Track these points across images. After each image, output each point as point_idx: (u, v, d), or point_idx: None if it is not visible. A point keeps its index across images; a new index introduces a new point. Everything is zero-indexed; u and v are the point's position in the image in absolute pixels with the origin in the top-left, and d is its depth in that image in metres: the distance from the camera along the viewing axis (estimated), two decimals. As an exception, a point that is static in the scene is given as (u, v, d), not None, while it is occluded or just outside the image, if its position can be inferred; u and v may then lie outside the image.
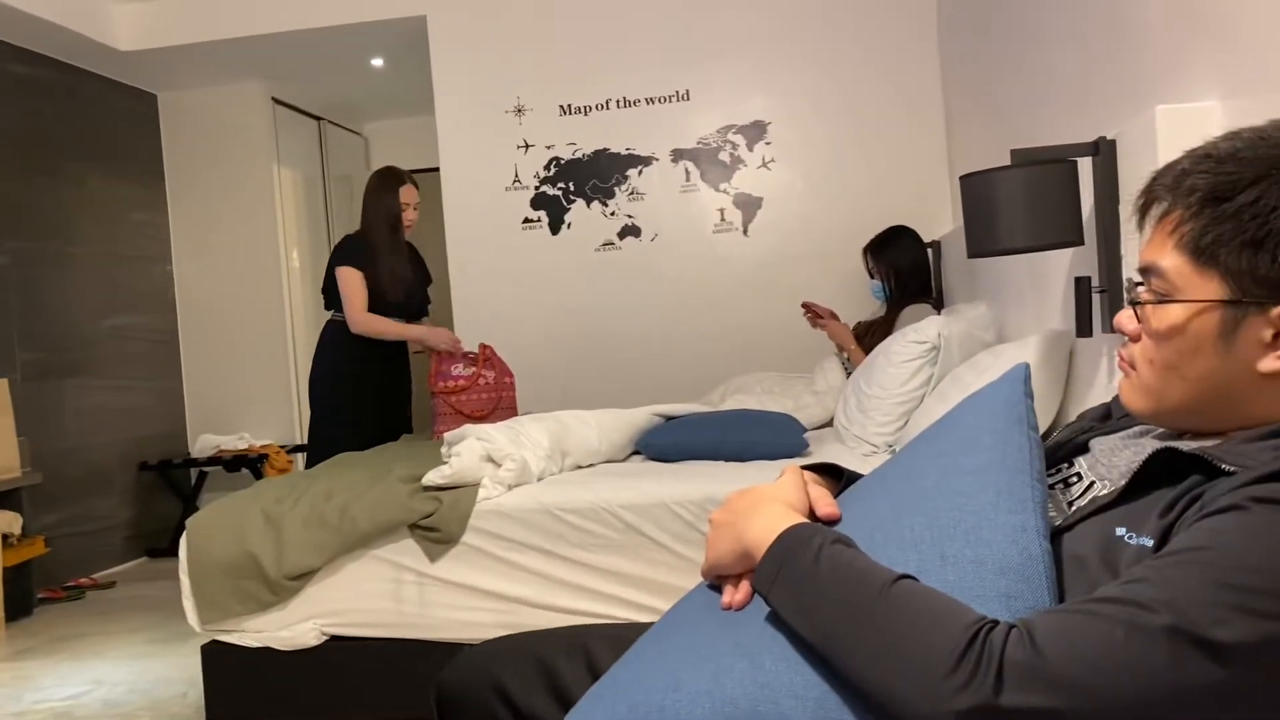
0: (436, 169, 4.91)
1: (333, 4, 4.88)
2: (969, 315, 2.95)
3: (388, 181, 3.85)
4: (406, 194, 3.85)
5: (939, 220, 4.26)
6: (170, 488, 5.57)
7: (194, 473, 5.64)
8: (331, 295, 3.84)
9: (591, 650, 1.16)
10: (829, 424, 3.33)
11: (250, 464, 5.37)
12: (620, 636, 1.12)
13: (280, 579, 2.42)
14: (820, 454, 2.77)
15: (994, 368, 2.32)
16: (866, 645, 0.80)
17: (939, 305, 3.76)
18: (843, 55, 4.52)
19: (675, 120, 4.66)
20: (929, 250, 3.94)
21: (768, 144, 4.61)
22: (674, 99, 4.66)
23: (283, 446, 5.57)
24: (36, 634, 3.99)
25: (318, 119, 6.45)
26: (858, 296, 4.30)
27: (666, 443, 2.84)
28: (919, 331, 2.76)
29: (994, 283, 3.11)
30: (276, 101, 5.91)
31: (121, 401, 5.32)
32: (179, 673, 3.30)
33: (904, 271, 3.68)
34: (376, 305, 3.77)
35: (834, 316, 3.77)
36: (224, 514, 2.55)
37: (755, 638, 0.90)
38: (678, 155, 4.67)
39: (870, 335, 3.60)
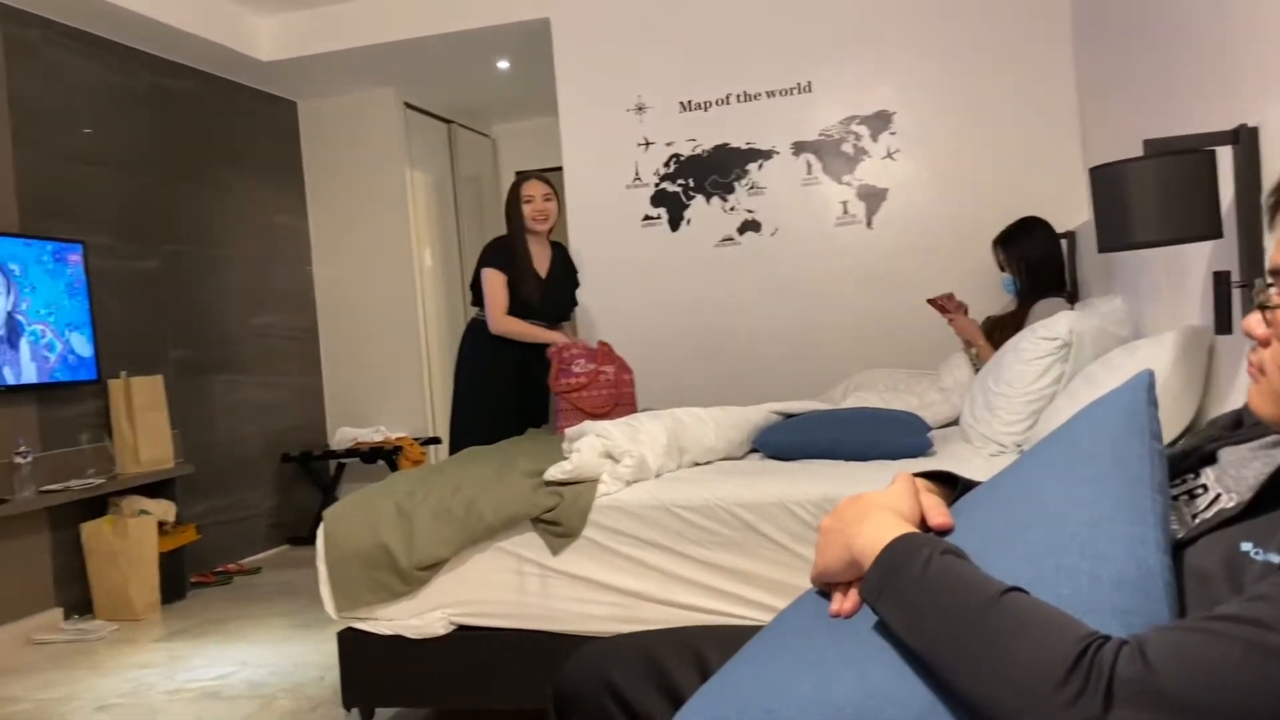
0: (560, 168, 4.99)
1: (460, 9, 5.02)
2: (1104, 310, 2.84)
3: (515, 183, 4.06)
4: (528, 188, 3.99)
5: (1073, 211, 4.10)
6: (310, 478, 5.83)
7: (332, 464, 5.89)
8: (478, 294, 4.03)
9: (703, 652, 1.18)
10: (955, 422, 3.25)
11: (386, 456, 5.58)
12: (731, 639, 1.13)
13: (411, 569, 2.51)
14: (945, 453, 2.72)
15: (1128, 365, 2.24)
16: (973, 657, 0.79)
17: (1073, 299, 3.63)
18: (970, 42, 4.41)
19: (796, 113, 4.62)
20: (1063, 242, 3.81)
21: (892, 134, 4.53)
22: (795, 91, 4.62)
23: (416, 439, 5.77)
24: (189, 616, 4.24)
25: (447, 122, 6.63)
26: (986, 290, 4.19)
27: (784, 441, 2.83)
28: (1049, 327, 2.67)
29: (1131, 275, 2.99)
30: (408, 106, 6.11)
31: (265, 396, 5.60)
32: (317, 657, 3.46)
33: (1036, 264, 3.57)
34: (516, 305, 3.92)
35: (962, 310, 3.68)
36: (358, 506, 2.65)
37: (862, 646, 0.90)
38: (799, 148, 4.63)
39: (1000, 330, 3.51)
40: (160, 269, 4.93)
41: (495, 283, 3.93)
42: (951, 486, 1.11)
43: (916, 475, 1.09)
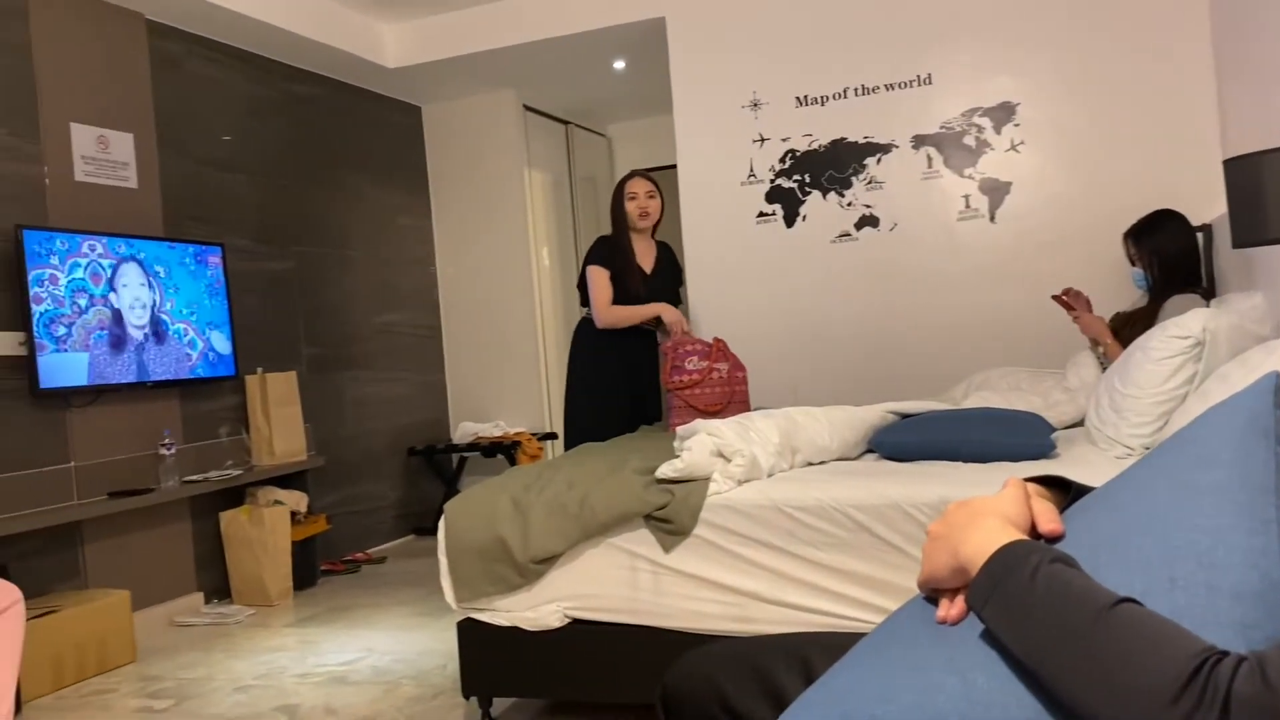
0: (674, 166, 5.01)
1: (577, 11, 5.08)
2: (1241, 306, 2.71)
3: (620, 181, 4.09)
4: (632, 185, 4.03)
5: (1210, 203, 3.91)
6: (434, 471, 6.00)
7: (455, 458, 6.05)
8: (585, 293, 4.08)
9: (810, 659, 1.17)
10: (1081, 424, 3.15)
11: (505, 450, 5.70)
12: (838, 646, 1.13)
13: (526, 562, 2.57)
14: (1069, 456, 2.63)
15: (1265, 365, 2.13)
16: (1081, 670, 0.78)
17: (1208, 295, 3.46)
18: (1099, 27, 4.24)
19: (916, 105, 4.54)
20: (1198, 236, 3.63)
21: (1016, 126, 4.40)
22: (914, 84, 4.53)
23: (534, 434, 5.88)
24: (319, 603, 4.42)
25: (565, 123, 6.73)
26: (1116, 286, 4.03)
27: (901, 441, 2.78)
28: (1181, 325, 2.56)
29: (1272, 270, 2.84)
30: (527, 108, 6.23)
31: (391, 392, 5.79)
32: (440, 645, 3.57)
33: (1169, 259, 3.41)
34: (620, 300, 3.97)
35: (1087, 306, 3.55)
36: (476, 500, 2.73)
37: (968, 655, 0.88)
38: (919, 141, 4.54)
39: (1129, 328, 3.37)
40: (293, 270, 5.15)
41: (599, 278, 3.98)
42: (1064, 492, 1.09)
43: (1028, 480, 1.06)
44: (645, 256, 4.08)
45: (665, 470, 2.55)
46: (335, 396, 5.37)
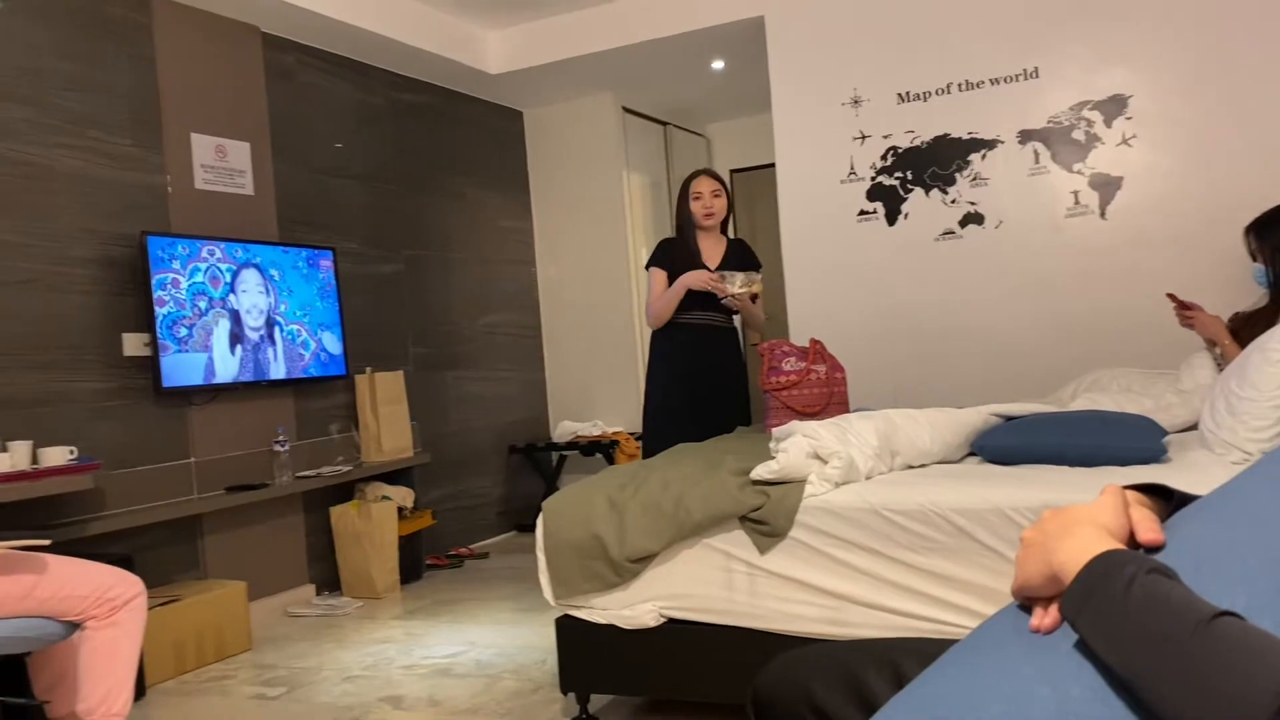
0: (773, 165, 4.98)
1: (676, 12, 5.10)
2: (1372, 305, 2.57)
3: (685, 180, 4.05)
4: (697, 185, 3.97)
5: (1340, 194, 3.72)
6: (535, 469, 6.09)
7: (554, 456, 6.14)
8: None
9: (901, 666, 1.16)
10: (1195, 427, 3.02)
11: (603, 449, 5.76)
12: (930, 653, 1.12)
13: (622, 561, 2.60)
14: (1181, 461, 2.54)
15: (1397, 368, 2.01)
16: (1177, 684, 0.76)
17: (1337, 293, 3.29)
18: (1216, 14, 4.07)
19: (1022, 100, 4.42)
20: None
21: (1128, 119, 4.25)
22: (1021, 77, 4.42)
23: (631, 434, 5.92)
24: (424, 596, 4.53)
25: (663, 124, 6.75)
26: (1235, 283, 3.86)
27: (1004, 444, 2.72)
28: (1305, 325, 2.44)
29: (1407, 267, 2.68)
30: (626, 110, 6.27)
31: (493, 391, 5.90)
32: (539, 641, 3.63)
33: (1293, 255, 3.25)
34: (686, 300, 3.86)
35: (1200, 309, 3.41)
36: (573, 498, 2.77)
37: (1061, 665, 0.87)
38: (1025, 136, 4.43)
39: (1248, 328, 3.22)
40: (400, 272, 5.29)
41: (654, 280, 3.94)
42: (1167, 500, 1.05)
43: (1128, 488, 1.04)
44: (712, 254, 3.98)
45: (761, 472, 2.54)
46: (440, 395, 5.50)
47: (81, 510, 3.58)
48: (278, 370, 4.36)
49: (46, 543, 2.38)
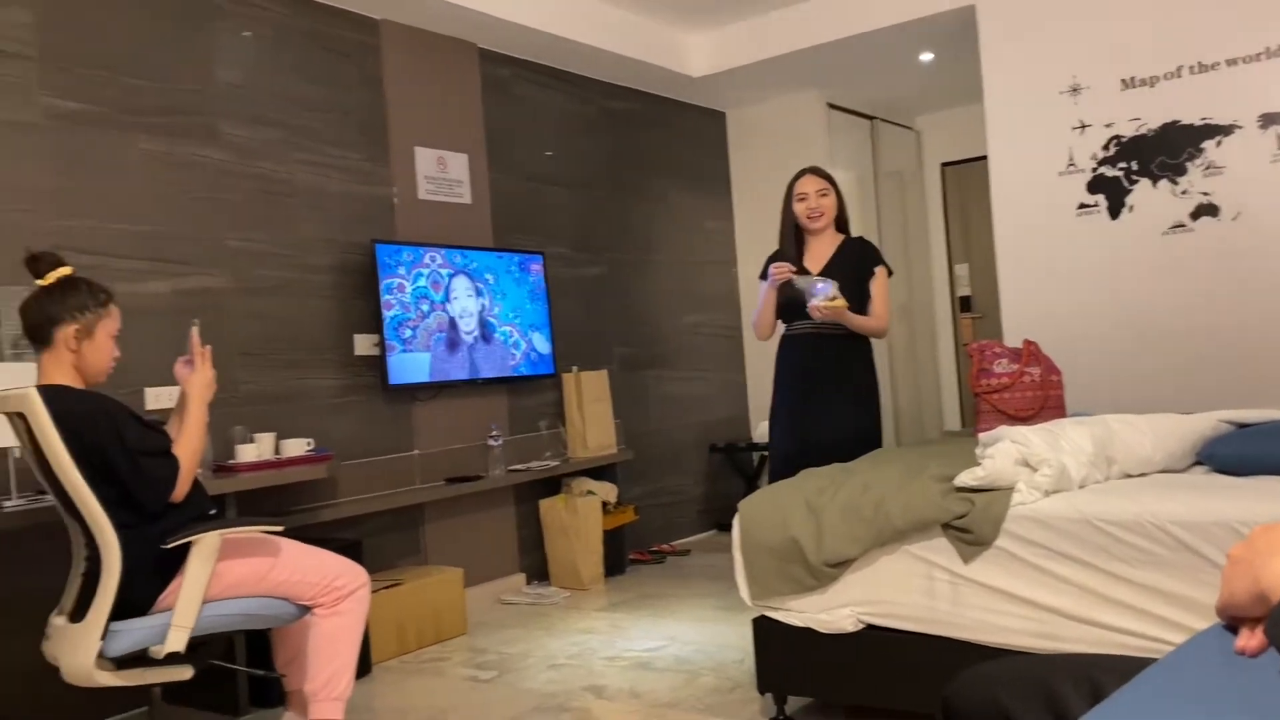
0: (984, 158, 4.81)
1: (883, 6, 5.01)
2: None
3: (790, 181, 3.76)
4: (801, 184, 3.69)
5: None
6: (735, 469, 6.12)
7: (754, 456, 6.14)
8: None
9: (1100, 682, 1.12)
10: None
11: (805, 451, 5.71)
12: (1131, 671, 1.07)
13: (820, 565, 2.59)
14: None
15: None
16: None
17: None
18: None
19: (1263, 81, 4.07)
20: None
21: (1392, 96, 3.84)
22: (1262, 56, 4.07)
23: (835, 436, 5.84)
24: (627, 590, 4.65)
25: (870, 118, 6.63)
26: None
27: (1235, 453, 2.53)
28: None
29: None
30: (831, 106, 6.20)
31: (694, 390, 5.98)
32: (738, 640, 3.65)
33: None
34: (783, 305, 3.60)
35: None
36: (770, 500, 2.77)
37: (1265, 690, 0.82)
38: (1267, 121, 4.08)
39: None
40: (606, 275, 5.45)
41: (760, 291, 3.69)
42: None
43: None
44: (817, 258, 3.65)
45: (965, 478, 2.47)
46: (643, 394, 5.62)
47: (317, 498, 3.89)
48: (491, 369, 4.58)
49: (279, 528, 2.61)
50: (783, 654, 2.72)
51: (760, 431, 6.10)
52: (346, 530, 3.92)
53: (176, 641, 2.37)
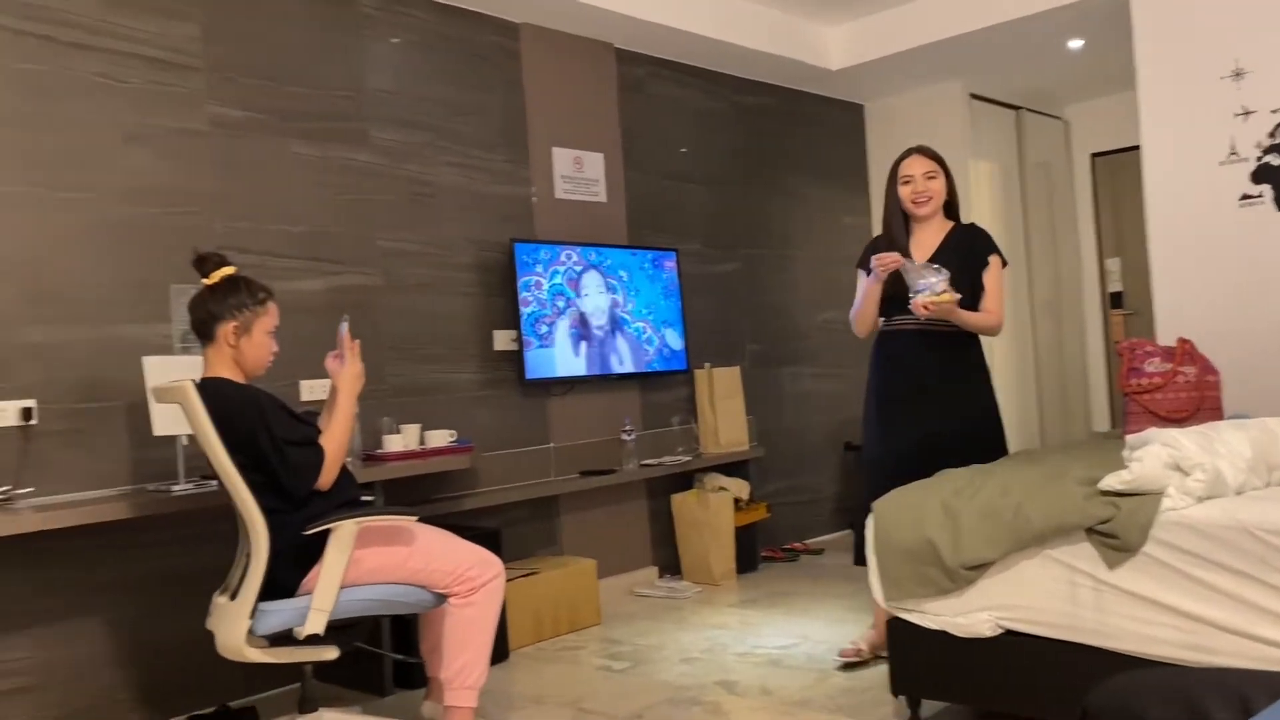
0: (1137, 147, 4.60)
1: (1029, -7, 4.86)
2: None
3: (895, 161, 3.46)
4: (907, 166, 3.38)
5: None
6: (871, 468, 6.02)
7: (892, 455, 6.02)
8: None
9: (1250, 700, 1.07)
10: None
11: (943, 451, 5.58)
12: (1282, 686, 1.03)
13: (956, 568, 2.54)
14: None
15: None
16: None
17: None
18: None
19: None
20: None
21: None
22: None
23: (975, 435, 5.69)
24: (759, 587, 4.65)
25: (1014, 108, 6.42)
26: None
27: None
28: None
29: None
30: (974, 96, 6.04)
31: (827, 388, 5.91)
32: (871, 640, 3.61)
33: None
34: (886, 298, 3.31)
35: None
36: (905, 501, 2.74)
37: None
38: None
39: None
40: (738, 271, 5.45)
41: (858, 284, 3.42)
42: None
43: None
44: (924, 247, 3.35)
45: (1111, 481, 2.38)
46: (776, 391, 5.59)
47: (458, 487, 4.02)
48: (624, 365, 4.64)
49: (415, 517, 2.71)
50: (917, 656, 2.68)
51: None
52: (486, 519, 4.05)
53: (316, 624, 2.50)
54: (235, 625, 2.51)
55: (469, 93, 4.30)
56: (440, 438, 3.77)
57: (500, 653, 3.56)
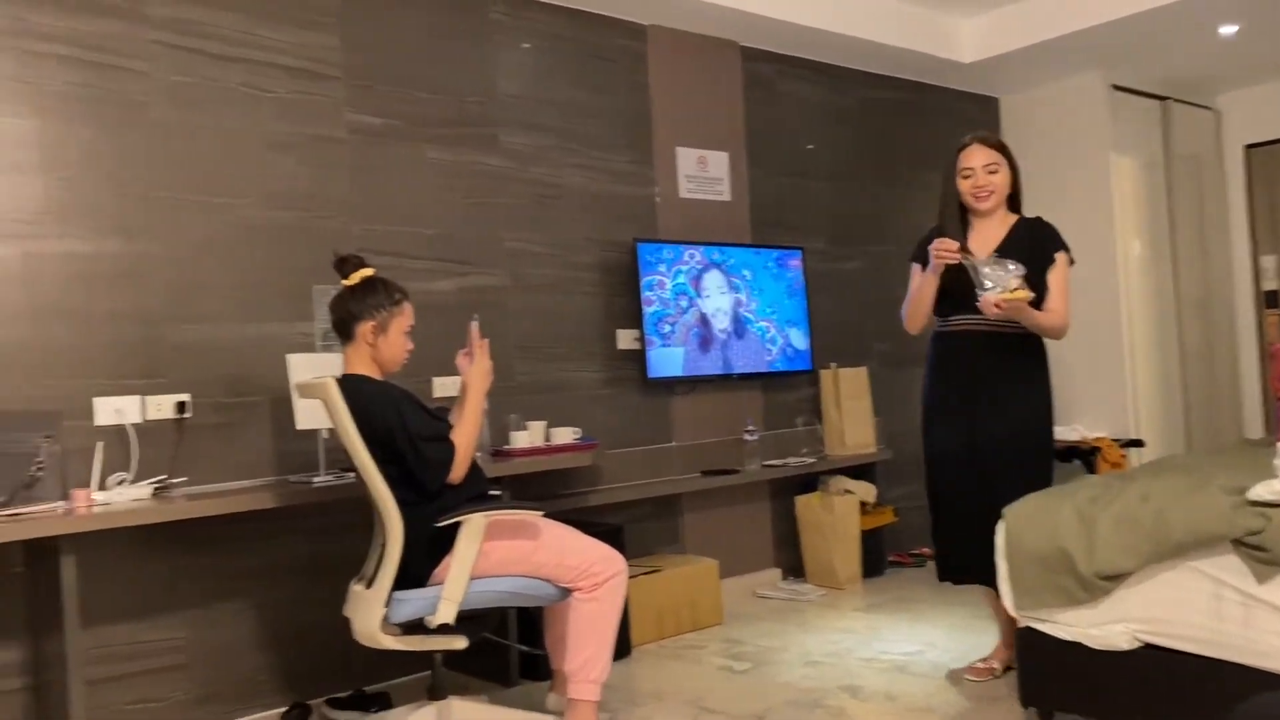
0: (1296, 139, 4.34)
1: (1176, -23, 4.63)
2: None
3: (956, 151, 3.27)
4: (967, 157, 3.19)
5: None
6: (1003, 472, 5.84)
7: (1026, 460, 5.83)
8: None
9: None
10: None
11: (1083, 456, 5.38)
12: None
13: (1091, 577, 2.45)
14: None
15: None
16: None
17: None
18: None
19: None
20: None
21: None
22: None
23: (1116, 440, 5.46)
24: (885, 592, 4.57)
25: (1160, 99, 6.13)
26: None
27: None
28: None
29: None
30: (1115, 87, 5.79)
31: (960, 389, 5.75)
32: (1000, 650, 3.50)
33: None
34: (941, 297, 3.18)
35: None
36: (1039, 507, 2.65)
37: None
38: None
39: None
40: (863, 269, 5.36)
41: (911, 277, 3.30)
42: None
43: None
44: (985, 243, 3.15)
45: (1260, 491, 2.26)
46: (904, 392, 5.47)
47: (582, 484, 4.08)
48: (746, 364, 4.62)
49: (541, 512, 2.76)
50: (1049, 667, 2.60)
51: (1030, 433, 5.79)
52: (610, 516, 4.09)
53: (446, 614, 2.58)
54: (371, 613, 2.61)
55: (595, 95, 4.35)
56: (565, 435, 3.83)
57: (623, 649, 3.59)
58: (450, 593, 2.58)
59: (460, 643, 2.67)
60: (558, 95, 4.23)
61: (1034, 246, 3.11)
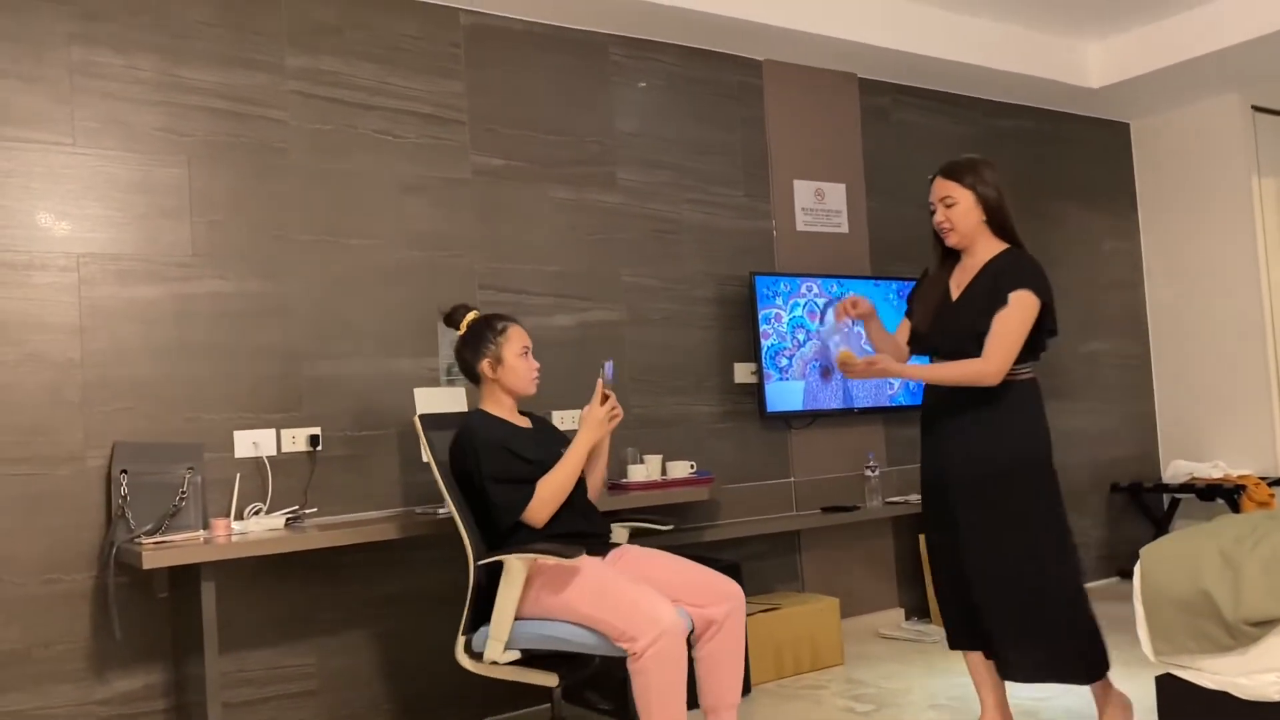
0: None
1: (1320, -8, 4.41)
2: None
3: None
4: (930, 192, 3.05)
5: None
6: (1141, 512, 5.59)
7: (1165, 498, 5.58)
8: None
9: None
10: None
11: (1225, 494, 5.11)
12: None
13: (1238, 623, 2.31)
14: None
15: None
16: None
17: None
18: None
19: None
20: None
21: None
22: None
23: (1263, 478, 5.17)
24: (1014, 634, 4.39)
25: (1307, 118, 5.83)
26: None
27: None
28: None
29: None
30: (1256, 109, 5.54)
31: (1094, 424, 5.54)
32: (1138, 697, 3.32)
33: None
34: (911, 343, 3.12)
35: None
36: (1179, 547, 2.53)
37: None
38: None
39: None
40: (990, 301, 5.22)
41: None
42: None
43: None
44: (963, 278, 3.00)
45: None
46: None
47: (699, 518, 4.07)
48: (866, 399, 4.55)
49: (576, 559, 2.53)
50: (1191, 717, 2.46)
51: (1173, 471, 5.55)
52: (727, 552, 4.07)
53: (494, 651, 2.63)
54: (458, 640, 2.74)
55: (711, 131, 4.39)
56: (681, 469, 3.84)
57: (742, 687, 3.55)
58: (495, 631, 2.64)
59: (548, 679, 2.69)
60: (674, 132, 4.28)
61: (995, 284, 2.90)
